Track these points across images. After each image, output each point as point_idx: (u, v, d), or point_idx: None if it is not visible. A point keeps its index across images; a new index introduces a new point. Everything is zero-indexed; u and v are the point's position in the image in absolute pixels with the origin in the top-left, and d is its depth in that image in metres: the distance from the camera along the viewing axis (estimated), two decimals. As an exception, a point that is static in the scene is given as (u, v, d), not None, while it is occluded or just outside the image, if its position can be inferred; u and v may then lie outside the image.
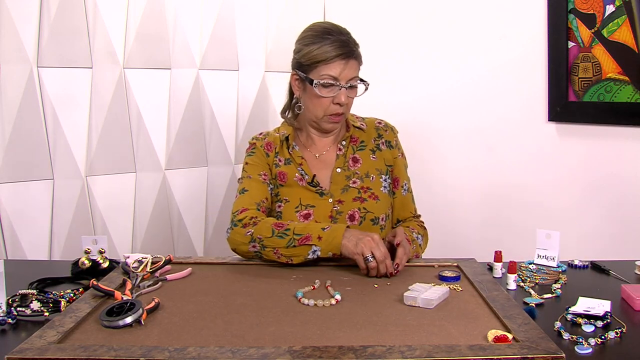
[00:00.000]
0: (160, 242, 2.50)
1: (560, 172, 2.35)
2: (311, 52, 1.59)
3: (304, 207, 1.64)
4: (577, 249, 1.87)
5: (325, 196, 1.66)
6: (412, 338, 1.09)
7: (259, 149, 1.71)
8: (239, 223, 1.57)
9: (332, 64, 1.58)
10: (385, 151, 1.75)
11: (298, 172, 1.68)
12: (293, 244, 1.49)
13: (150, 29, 2.38)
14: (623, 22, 2.11)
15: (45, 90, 2.18)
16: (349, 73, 1.60)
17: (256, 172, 1.69)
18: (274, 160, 1.70)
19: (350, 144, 1.73)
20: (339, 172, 1.69)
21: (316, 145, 1.73)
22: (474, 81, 2.50)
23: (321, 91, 1.60)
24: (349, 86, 1.61)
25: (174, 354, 1.02)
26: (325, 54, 1.58)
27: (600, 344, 1.11)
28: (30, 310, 1.25)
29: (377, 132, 1.76)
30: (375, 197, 1.68)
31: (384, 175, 1.72)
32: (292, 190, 1.67)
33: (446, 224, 2.53)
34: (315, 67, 1.59)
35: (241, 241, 1.56)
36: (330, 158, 1.72)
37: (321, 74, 1.59)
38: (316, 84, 1.59)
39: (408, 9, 2.60)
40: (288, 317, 1.20)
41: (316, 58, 1.59)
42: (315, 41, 1.60)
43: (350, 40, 1.62)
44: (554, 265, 1.50)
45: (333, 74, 1.59)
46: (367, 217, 1.65)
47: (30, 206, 2.20)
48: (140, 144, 2.42)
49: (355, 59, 1.61)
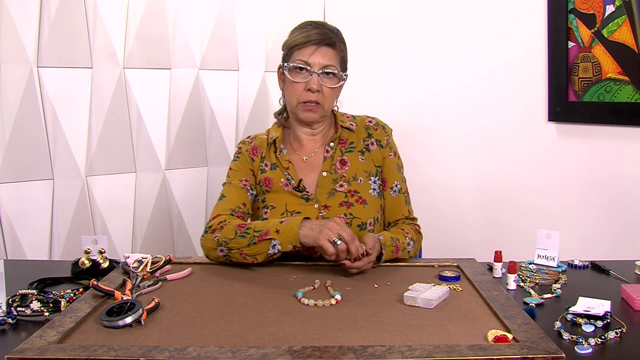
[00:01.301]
0: (160, 242, 2.50)
1: (560, 172, 2.35)
2: (290, 40, 1.65)
3: (290, 213, 1.63)
4: (577, 249, 1.87)
5: (311, 202, 1.64)
6: (412, 338, 1.09)
7: (244, 154, 1.71)
8: (209, 229, 1.57)
9: (303, 48, 1.61)
10: (375, 151, 1.71)
11: (284, 177, 1.66)
12: (253, 241, 1.48)
13: (150, 29, 2.38)
14: (623, 22, 2.11)
15: (45, 90, 2.18)
16: (322, 59, 1.60)
17: (237, 178, 1.68)
18: (260, 165, 1.69)
19: (338, 145, 1.70)
20: (325, 175, 1.66)
21: (304, 146, 1.71)
22: (473, 81, 2.50)
23: (293, 75, 1.62)
24: (322, 72, 1.60)
25: (174, 354, 1.02)
26: (298, 39, 1.62)
27: (600, 344, 1.11)
28: (30, 310, 1.25)
29: (366, 131, 1.73)
30: (362, 201, 1.65)
31: (374, 177, 1.70)
32: (278, 196, 1.66)
33: (446, 224, 2.53)
34: (292, 53, 1.63)
35: (210, 246, 1.55)
36: (317, 161, 1.70)
37: (295, 59, 1.62)
38: (288, 67, 1.62)
39: (408, 9, 2.59)
40: (288, 317, 1.20)
41: (292, 44, 1.63)
42: (295, 31, 1.66)
43: (331, 31, 1.64)
44: (554, 265, 1.50)
45: (304, 59, 1.60)
46: (353, 222, 1.63)
47: (30, 206, 2.20)
48: (140, 144, 2.42)
49: (330, 46, 1.62)
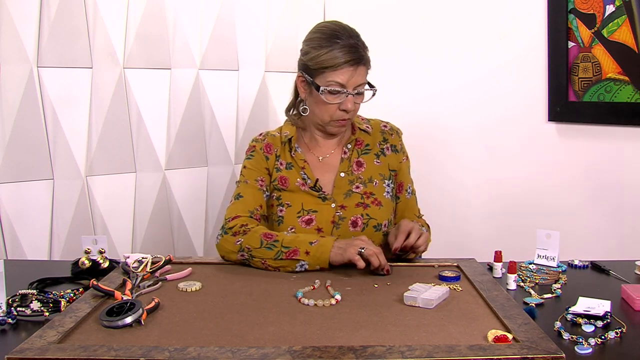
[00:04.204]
0: (160, 242, 2.50)
1: (560, 172, 2.35)
2: (319, 56, 1.53)
3: (306, 212, 1.62)
4: (577, 249, 1.86)
5: (328, 201, 1.63)
6: (412, 338, 1.09)
7: (258, 152, 1.67)
8: (229, 231, 1.55)
9: (339, 70, 1.52)
10: (390, 156, 1.71)
11: (300, 177, 1.64)
12: (281, 256, 1.48)
13: (150, 29, 2.38)
14: (623, 22, 2.11)
15: (45, 90, 2.18)
16: (357, 80, 1.54)
17: (253, 178, 1.65)
18: (275, 164, 1.66)
19: (355, 147, 1.69)
20: (343, 176, 1.66)
21: (320, 147, 1.70)
22: (473, 81, 2.50)
23: (327, 98, 1.55)
24: (356, 93, 1.56)
25: (174, 354, 1.02)
26: (333, 59, 1.52)
27: (600, 344, 1.11)
28: (30, 310, 1.25)
29: (382, 135, 1.72)
30: (378, 203, 1.65)
31: (387, 180, 1.69)
32: (294, 195, 1.64)
33: (446, 224, 2.53)
34: (322, 72, 1.54)
35: (230, 249, 1.54)
36: (334, 161, 1.69)
37: (328, 80, 1.54)
38: (323, 90, 1.54)
39: (408, 9, 2.59)
40: (288, 317, 1.20)
41: (323, 64, 1.53)
42: (323, 44, 1.54)
43: (360, 44, 1.55)
44: (554, 265, 1.50)
45: (340, 81, 1.53)
46: (369, 223, 1.63)
47: (30, 206, 2.20)
48: (140, 144, 2.41)
49: (364, 64, 1.55)
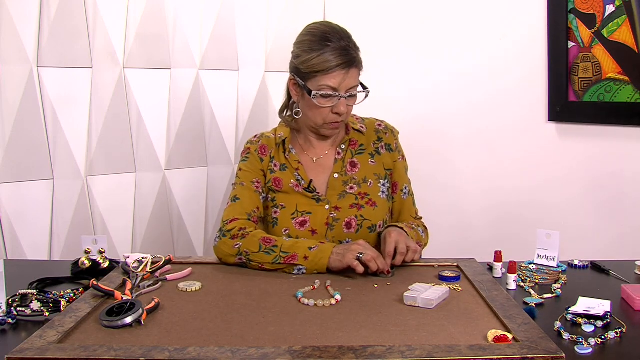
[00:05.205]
0: (160, 242, 2.50)
1: (560, 172, 2.35)
2: (310, 60, 1.52)
3: (300, 213, 1.62)
4: (577, 249, 1.86)
5: (322, 202, 1.63)
6: (412, 338, 1.09)
7: (253, 154, 1.67)
8: (228, 234, 1.55)
9: (331, 74, 1.50)
10: (385, 155, 1.70)
11: (294, 178, 1.64)
12: (279, 261, 1.48)
13: (150, 29, 2.38)
14: (623, 22, 2.11)
15: (45, 90, 2.18)
16: (349, 82, 1.53)
17: (249, 180, 1.65)
18: (269, 165, 1.66)
19: (349, 147, 1.69)
20: (337, 177, 1.65)
21: (314, 148, 1.69)
22: (473, 81, 2.50)
23: (320, 102, 1.54)
24: (349, 95, 1.55)
25: (174, 354, 1.02)
26: (324, 63, 1.50)
27: (600, 344, 1.11)
28: (30, 310, 1.25)
29: (376, 135, 1.71)
30: (372, 204, 1.65)
31: (383, 180, 1.69)
32: (288, 196, 1.64)
33: (446, 223, 2.53)
34: (314, 76, 1.52)
35: (228, 253, 1.54)
36: (328, 162, 1.68)
37: (320, 84, 1.52)
38: (315, 94, 1.53)
39: (408, 9, 2.59)
40: (288, 317, 1.20)
41: (315, 68, 1.51)
42: (314, 48, 1.52)
43: (351, 46, 1.53)
44: (554, 265, 1.50)
45: (332, 85, 1.51)
46: (364, 224, 1.63)
47: (30, 206, 2.20)
48: (140, 144, 2.41)
49: (356, 66, 1.53)
